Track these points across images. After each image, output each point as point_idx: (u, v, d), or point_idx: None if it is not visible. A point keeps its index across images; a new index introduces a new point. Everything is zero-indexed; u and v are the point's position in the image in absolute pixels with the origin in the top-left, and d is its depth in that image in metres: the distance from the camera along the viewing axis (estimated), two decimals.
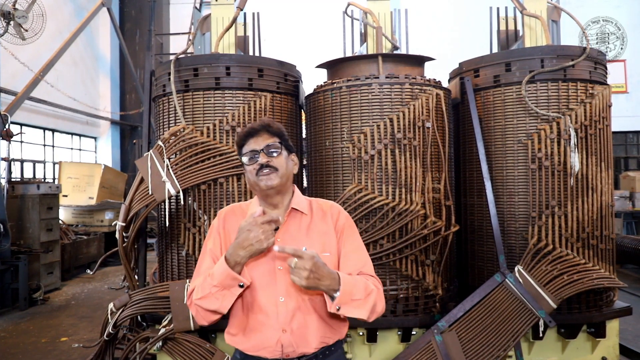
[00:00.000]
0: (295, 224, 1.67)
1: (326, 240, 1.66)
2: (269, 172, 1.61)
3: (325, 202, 1.77)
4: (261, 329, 1.59)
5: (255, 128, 1.68)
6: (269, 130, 1.68)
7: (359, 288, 1.53)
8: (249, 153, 1.65)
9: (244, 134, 1.70)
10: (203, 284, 1.53)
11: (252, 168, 1.64)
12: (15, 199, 6.56)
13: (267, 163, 1.62)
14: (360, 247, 1.71)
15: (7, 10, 6.07)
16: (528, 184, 3.15)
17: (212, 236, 1.70)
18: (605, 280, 2.97)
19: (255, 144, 1.66)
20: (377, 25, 3.59)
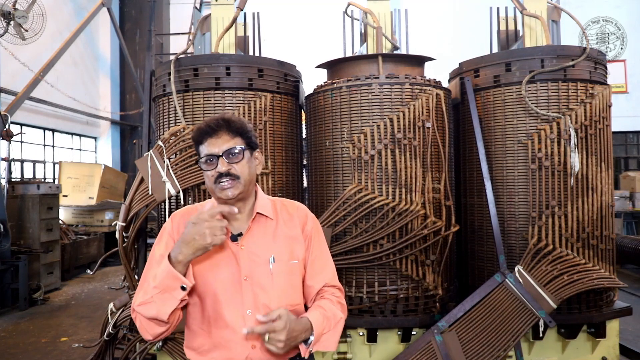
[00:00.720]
0: (260, 229, 1.54)
1: (294, 247, 1.56)
2: (230, 182, 1.45)
3: (291, 204, 1.65)
4: (228, 345, 1.46)
5: (212, 127, 1.48)
6: (229, 129, 1.49)
7: (328, 320, 1.50)
8: (206, 157, 1.48)
9: (201, 130, 1.50)
10: (146, 288, 1.38)
11: (210, 174, 1.47)
12: (16, 199, 6.56)
13: (228, 171, 1.45)
14: (326, 252, 1.65)
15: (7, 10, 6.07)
16: (528, 184, 3.15)
17: (162, 240, 1.53)
18: (605, 280, 2.97)
19: (213, 146, 1.47)
20: (377, 25, 3.59)
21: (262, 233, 1.55)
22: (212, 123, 1.49)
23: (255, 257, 1.51)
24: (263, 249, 1.52)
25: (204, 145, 1.49)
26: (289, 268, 1.53)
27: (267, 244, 1.53)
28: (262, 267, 1.50)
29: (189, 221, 1.35)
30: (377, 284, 3.11)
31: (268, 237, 1.54)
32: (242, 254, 1.50)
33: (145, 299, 1.37)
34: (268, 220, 1.56)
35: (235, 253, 1.50)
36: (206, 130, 1.49)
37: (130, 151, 12.58)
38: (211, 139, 1.48)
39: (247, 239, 1.52)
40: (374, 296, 3.11)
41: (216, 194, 1.48)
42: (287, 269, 1.53)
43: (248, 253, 1.50)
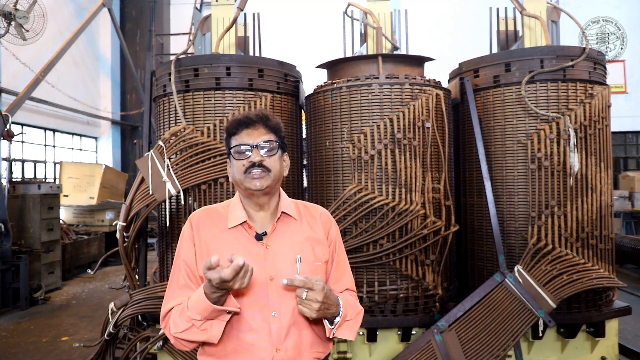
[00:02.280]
0: (285, 229, 1.52)
1: (317, 248, 1.53)
2: (261, 173, 1.44)
3: (314, 207, 1.65)
4: (251, 349, 1.40)
5: (252, 118, 1.47)
6: (266, 124, 1.48)
7: (352, 309, 1.50)
8: (240, 147, 1.45)
9: (238, 121, 1.48)
10: (181, 316, 1.35)
11: (241, 164, 1.45)
12: (16, 198, 6.58)
13: (261, 162, 1.44)
14: (346, 258, 1.66)
15: (8, 10, 6.08)
16: (528, 184, 3.16)
17: (183, 246, 1.49)
18: (605, 280, 2.97)
19: (249, 137, 1.46)
20: (377, 26, 3.60)
21: (287, 233, 1.52)
22: (252, 115, 1.48)
23: (281, 257, 1.47)
24: (288, 249, 1.49)
25: (238, 136, 1.47)
26: (314, 269, 1.50)
27: (292, 244, 1.50)
28: (289, 268, 1.46)
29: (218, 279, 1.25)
30: (377, 283, 3.12)
31: (293, 237, 1.52)
32: (267, 254, 1.47)
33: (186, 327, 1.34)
34: (292, 220, 1.55)
35: (260, 253, 1.46)
36: (244, 122, 1.47)
37: (131, 151, 12.59)
38: (248, 129, 1.46)
39: (272, 239, 1.49)
40: (373, 296, 3.12)
41: (244, 184, 1.46)
42: (312, 269, 1.50)
43: (273, 253, 1.47)
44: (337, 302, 1.42)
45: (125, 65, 12.27)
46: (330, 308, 1.38)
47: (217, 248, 1.46)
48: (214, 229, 1.50)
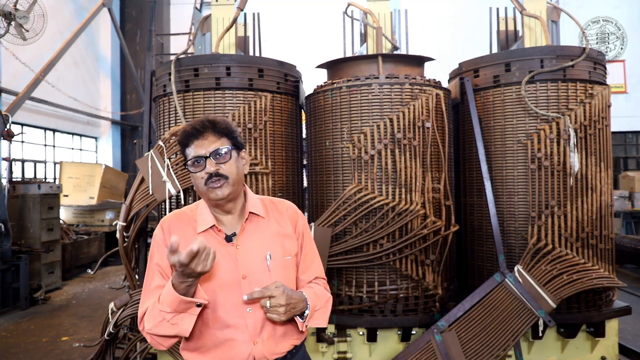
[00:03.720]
0: (253, 228, 1.57)
1: (286, 243, 1.59)
2: (220, 181, 1.47)
3: (280, 202, 1.69)
4: (230, 344, 1.47)
5: (198, 128, 1.49)
6: (215, 130, 1.50)
7: (319, 298, 1.58)
8: (194, 159, 1.48)
9: (187, 133, 1.50)
10: (152, 311, 1.39)
11: (199, 177, 1.48)
12: (16, 198, 6.58)
13: (216, 171, 1.47)
14: (314, 248, 1.73)
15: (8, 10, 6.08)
16: (528, 184, 3.16)
17: (156, 250, 1.52)
18: (605, 280, 2.98)
19: (200, 147, 1.48)
20: (377, 26, 3.60)
21: (256, 232, 1.57)
22: (198, 125, 1.50)
23: (252, 255, 1.53)
24: (258, 247, 1.54)
25: (190, 147, 1.50)
26: (284, 264, 1.56)
27: (261, 242, 1.55)
28: (260, 265, 1.52)
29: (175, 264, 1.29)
30: (377, 283, 3.12)
31: (262, 235, 1.57)
32: (238, 254, 1.52)
33: (157, 321, 1.38)
34: (260, 219, 1.59)
35: (231, 253, 1.51)
36: (192, 133, 1.49)
37: (131, 151, 12.59)
38: (197, 140, 1.49)
39: (242, 239, 1.54)
40: (374, 296, 3.12)
41: (207, 195, 1.50)
42: (282, 264, 1.56)
43: (244, 252, 1.52)
44: (303, 297, 1.50)
45: (125, 65, 12.26)
46: (296, 306, 1.46)
47: None
48: (185, 232, 1.53)
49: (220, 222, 1.56)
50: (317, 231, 3.04)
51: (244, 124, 3.15)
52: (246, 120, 3.16)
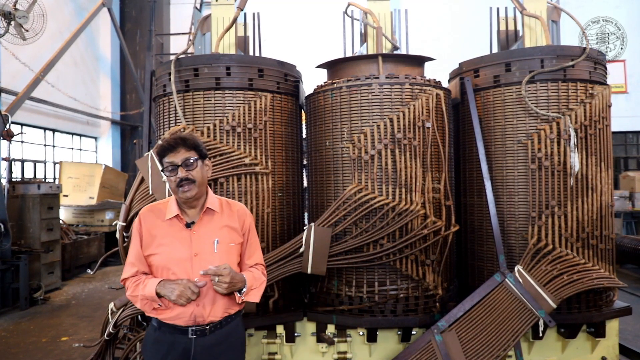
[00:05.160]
0: (209, 220, 2.04)
1: (233, 234, 2.06)
2: (189, 184, 1.95)
3: (234, 203, 2.15)
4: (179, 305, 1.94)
5: (172, 144, 1.96)
6: (185, 145, 1.96)
7: (256, 280, 2.06)
8: (169, 166, 1.96)
9: (163, 147, 1.97)
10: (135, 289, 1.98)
11: (172, 180, 1.96)
12: (16, 198, 6.57)
13: (186, 177, 1.95)
14: (257, 240, 2.21)
15: (7, 10, 6.08)
16: (528, 184, 3.15)
17: (134, 234, 2.06)
18: (605, 280, 2.97)
19: (173, 157, 1.95)
20: (377, 26, 3.60)
21: (210, 222, 2.04)
22: (171, 141, 1.97)
23: (204, 239, 2.00)
24: (210, 234, 2.01)
25: (165, 158, 1.97)
26: (228, 249, 2.03)
27: (213, 230, 2.02)
28: (209, 247, 1.99)
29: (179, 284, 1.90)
30: (377, 283, 3.12)
31: (214, 226, 2.04)
32: (194, 237, 2.00)
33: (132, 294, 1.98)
34: (215, 213, 2.06)
35: (188, 236, 2.00)
36: (167, 147, 1.97)
37: (131, 151, 12.58)
38: (171, 153, 1.96)
39: (198, 227, 2.02)
40: (374, 296, 3.12)
41: (178, 194, 1.98)
42: (227, 249, 2.03)
43: (198, 236, 2.00)
44: (243, 279, 1.98)
45: (125, 65, 12.25)
46: (236, 285, 1.95)
47: (156, 233, 2.01)
48: (155, 220, 2.04)
49: (185, 213, 2.04)
50: (317, 231, 3.03)
51: (244, 124, 3.14)
52: (246, 120, 3.15)
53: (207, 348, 1.97)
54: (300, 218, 3.57)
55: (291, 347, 3.29)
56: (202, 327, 1.97)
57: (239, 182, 3.13)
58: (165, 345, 1.97)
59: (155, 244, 1.99)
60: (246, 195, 3.14)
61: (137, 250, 2.03)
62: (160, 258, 1.97)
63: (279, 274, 3.04)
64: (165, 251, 1.98)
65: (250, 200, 3.15)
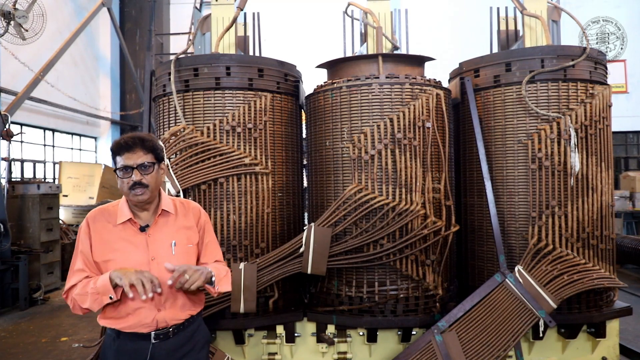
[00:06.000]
0: (164, 222, 1.95)
1: (190, 234, 1.99)
2: (142, 189, 1.83)
3: (187, 202, 2.08)
4: (139, 311, 1.86)
5: (129, 143, 1.83)
6: (143, 146, 1.84)
7: (221, 271, 1.99)
8: (122, 168, 1.83)
9: (119, 145, 1.84)
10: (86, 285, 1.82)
11: (125, 182, 1.84)
12: (16, 198, 6.56)
13: (140, 181, 1.83)
14: (215, 239, 2.12)
15: (7, 10, 6.07)
16: (528, 184, 3.15)
17: (81, 239, 1.91)
18: (606, 280, 2.97)
19: (129, 159, 1.82)
20: (377, 25, 3.59)
21: (166, 225, 1.95)
22: (129, 140, 1.84)
23: (160, 242, 1.91)
24: (166, 236, 1.93)
25: (121, 157, 1.83)
26: (186, 250, 1.96)
27: (169, 232, 1.94)
28: (166, 250, 1.91)
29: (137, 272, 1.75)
30: (377, 283, 3.12)
31: (170, 228, 1.95)
32: (149, 241, 1.90)
33: (82, 292, 1.82)
34: (170, 215, 1.97)
35: (144, 240, 1.90)
36: (123, 145, 1.83)
37: None
38: (128, 153, 1.83)
39: (154, 230, 1.92)
40: (374, 296, 3.11)
41: (130, 197, 1.87)
42: (185, 250, 1.95)
43: (154, 240, 1.91)
44: (207, 270, 1.87)
45: (124, 65, 12.24)
46: (206, 275, 1.84)
47: (109, 238, 1.89)
48: (106, 224, 1.91)
49: (137, 216, 1.93)
50: (317, 231, 3.03)
51: (244, 123, 3.14)
52: (246, 120, 3.15)
53: (172, 351, 1.91)
54: (300, 218, 3.56)
55: (291, 347, 3.28)
56: (165, 330, 1.89)
57: (239, 182, 3.13)
58: (128, 355, 1.88)
59: (108, 249, 1.87)
60: (246, 195, 3.13)
61: (86, 256, 1.89)
62: (116, 264, 1.85)
63: (279, 274, 3.03)
64: (121, 257, 1.86)
65: (250, 200, 3.15)
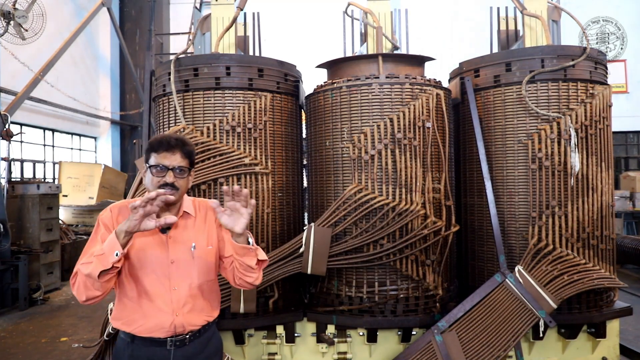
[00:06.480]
0: (185, 224, 1.92)
1: (210, 235, 1.94)
2: (172, 191, 1.79)
3: (205, 202, 2.02)
4: (157, 314, 1.81)
5: (171, 143, 1.82)
6: (183, 150, 1.83)
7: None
8: (159, 166, 1.80)
9: (160, 142, 1.83)
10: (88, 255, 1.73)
11: (156, 180, 1.81)
12: (15, 198, 6.56)
13: (173, 183, 1.80)
14: None
15: (7, 10, 6.07)
16: (528, 184, 3.15)
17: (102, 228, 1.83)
18: (606, 281, 2.97)
19: (167, 159, 1.81)
20: (377, 25, 3.59)
21: (186, 227, 1.92)
22: (172, 140, 1.83)
23: (181, 245, 1.88)
24: (186, 238, 1.89)
25: (158, 154, 1.81)
26: (206, 252, 1.91)
27: (189, 235, 1.90)
28: (186, 253, 1.87)
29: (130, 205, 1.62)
30: (377, 284, 3.11)
31: (190, 230, 1.92)
32: (170, 243, 1.86)
33: (87, 260, 1.70)
34: (190, 216, 1.94)
35: (164, 242, 1.86)
36: (165, 144, 1.82)
37: (130, 151, 12.57)
38: (167, 152, 1.81)
39: (174, 232, 1.89)
40: (374, 296, 3.11)
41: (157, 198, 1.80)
42: (204, 253, 1.91)
43: (174, 242, 1.87)
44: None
45: (124, 64, 12.24)
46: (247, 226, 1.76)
47: None
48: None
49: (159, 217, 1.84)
50: (317, 231, 3.03)
51: (243, 123, 3.14)
52: (246, 120, 3.14)
53: (187, 358, 1.87)
54: (300, 218, 3.56)
55: (291, 347, 3.28)
56: (182, 336, 1.85)
57: (239, 182, 3.12)
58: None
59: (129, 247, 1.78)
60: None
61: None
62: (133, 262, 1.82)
63: (279, 274, 3.03)
64: (140, 255, 1.83)
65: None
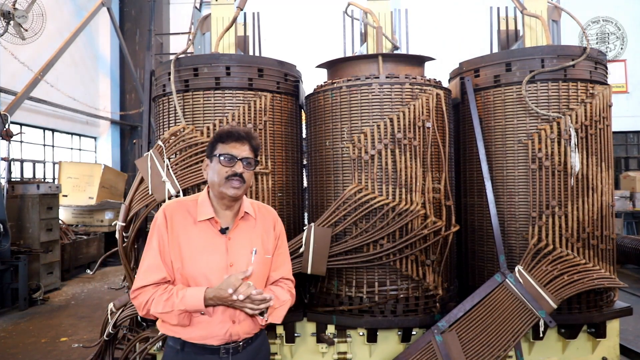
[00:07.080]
0: (245, 226, 1.85)
1: (267, 242, 1.88)
2: (240, 182, 1.75)
3: (264, 206, 1.97)
4: (211, 321, 1.75)
5: (242, 135, 1.78)
6: (251, 143, 1.80)
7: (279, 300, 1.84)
8: (228, 155, 1.75)
9: (229, 132, 1.78)
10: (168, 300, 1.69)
11: (224, 170, 1.74)
12: (15, 198, 6.56)
13: (241, 173, 1.75)
14: (287, 250, 2.01)
15: (7, 10, 6.07)
16: (528, 184, 3.14)
17: (156, 233, 1.78)
18: (606, 281, 2.97)
19: (237, 150, 1.76)
20: (377, 25, 3.59)
21: (246, 229, 1.85)
22: (242, 131, 1.79)
23: (240, 248, 1.80)
24: (246, 242, 1.82)
25: (226, 145, 1.76)
26: (264, 260, 1.85)
27: (249, 238, 1.83)
28: (246, 257, 1.79)
29: (227, 282, 1.65)
30: (377, 284, 3.11)
31: (250, 233, 1.85)
32: (229, 245, 1.79)
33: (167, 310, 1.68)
34: (251, 218, 1.87)
35: (223, 243, 1.78)
36: (235, 135, 1.77)
37: (130, 151, 12.57)
38: (236, 143, 1.76)
39: (234, 233, 1.82)
40: (374, 296, 3.11)
41: (222, 188, 1.75)
42: (263, 261, 1.84)
43: (234, 244, 1.80)
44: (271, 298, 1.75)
45: (124, 64, 12.25)
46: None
47: (186, 238, 1.76)
48: (184, 221, 1.78)
49: (218, 215, 1.81)
50: (317, 231, 3.02)
51: (243, 123, 3.13)
52: (246, 120, 3.14)
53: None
54: (300, 218, 3.56)
55: (291, 347, 3.28)
56: (235, 344, 1.78)
57: None
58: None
59: (186, 247, 1.75)
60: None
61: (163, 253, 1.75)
62: (192, 266, 1.74)
63: None
64: (199, 258, 1.74)
65: None
